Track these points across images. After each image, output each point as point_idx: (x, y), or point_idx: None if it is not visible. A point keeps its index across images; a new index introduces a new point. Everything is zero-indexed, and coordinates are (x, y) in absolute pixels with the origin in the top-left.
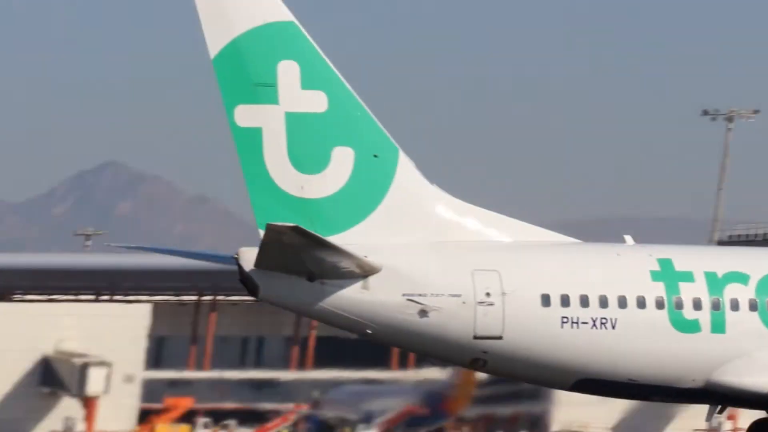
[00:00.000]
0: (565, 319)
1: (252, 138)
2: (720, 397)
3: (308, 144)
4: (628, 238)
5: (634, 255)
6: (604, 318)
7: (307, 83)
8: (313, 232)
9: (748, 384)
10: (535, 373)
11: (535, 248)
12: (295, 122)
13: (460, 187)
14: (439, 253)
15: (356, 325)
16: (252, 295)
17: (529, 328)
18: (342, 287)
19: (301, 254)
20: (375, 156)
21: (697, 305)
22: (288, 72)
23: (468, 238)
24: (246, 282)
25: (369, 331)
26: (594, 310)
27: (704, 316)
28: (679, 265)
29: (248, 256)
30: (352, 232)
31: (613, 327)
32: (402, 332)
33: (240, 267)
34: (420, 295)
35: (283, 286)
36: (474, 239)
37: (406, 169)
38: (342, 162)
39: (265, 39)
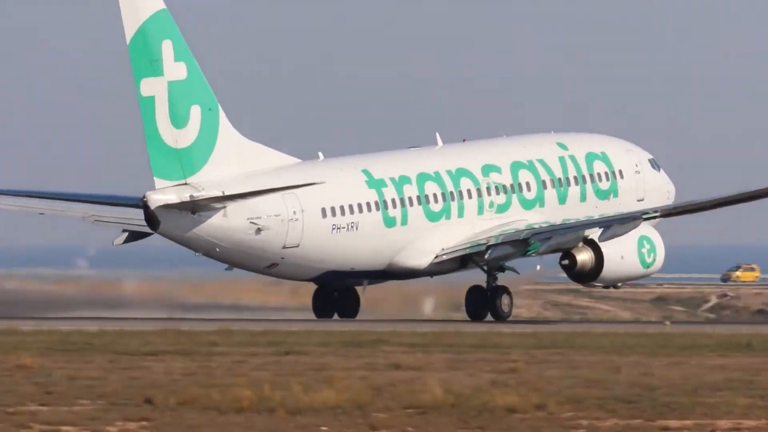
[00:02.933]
0: (334, 227)
1: (150, 105)
2: (395, 275)
3: (179, 105)
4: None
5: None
6: (353, 222)
7: (177, 57)
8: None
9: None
10: (306, 270)
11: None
12: (172, 89)
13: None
14: (259, 181)
15: (211, 244)
16: (153, 228)
17: (315, 236)
18: (210, 217)
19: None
20: (209, 110)
21: (395, 204)
22: (167, 49)
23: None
24: (151, 219)
25: (218, 249)
26: (348, 217)
27: (398, 214)
28: (377, 174)
29: (154, 198)
30: (204, 171)
31: (356, 229)
32: (243, 247)
33: (147, 207)
34: (257, 217)
35: (176, 220)
36: (268, 169)
37: (223, 119)
38: (195, 117)
39: (157, 23)
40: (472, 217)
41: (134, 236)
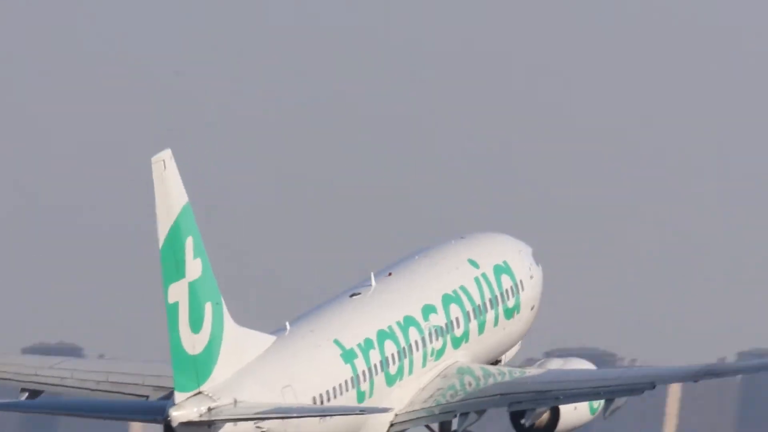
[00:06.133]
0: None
1: (174, 312)
2: None
3: (196, 307)
4: None
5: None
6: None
7: (195, 254)
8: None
9: None
10: None
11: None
12: (191, 290)
13: None
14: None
15: None
16: None
17: (308, 423)
18: (222, 426)
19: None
20: (217, 304)
21: (365, 376)
22: (188, 246)
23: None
24: None
25: None
26: (333, 402)
27: (367, 387)
28: (347, 343)
29: (175, 415)
30: (213, 376)
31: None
32: None
33: (168, 425)
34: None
35: None
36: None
37: (225, 311)
38: (207, 317)
39: (183, 220)
40: (418, 372)
41: (34, 394)
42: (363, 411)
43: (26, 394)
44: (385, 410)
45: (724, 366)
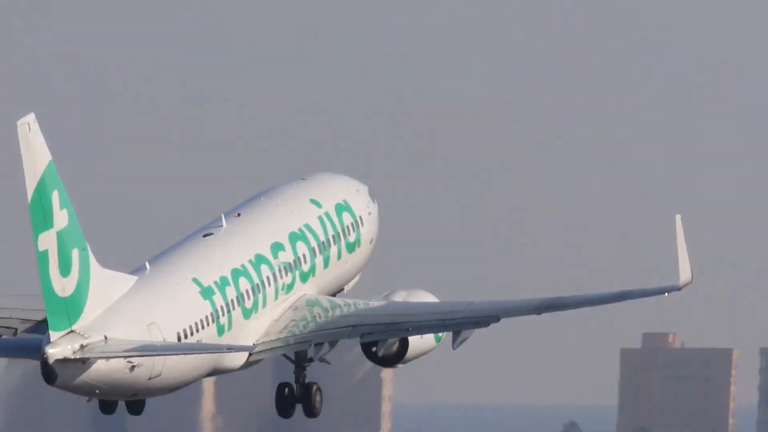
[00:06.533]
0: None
1: (44, 259)
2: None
3: (64, 254)
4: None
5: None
6: (198, 340)
7: (62, 205)
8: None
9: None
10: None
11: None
12: (60, 239)
13: None
14: (126, 315)
15: (93, 388)
16: (49, 382)
17: (172, 362)
18: (94, 362)
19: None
20: (83, 250)
21: (223, 311)
22: (54, 199)
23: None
24: (49, 373)
25: (97, 391)
26: (195, 336)
27: (225, 321)
28: (205, 281)
29: (51, 352)
30: (84, 315)
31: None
32: (117, 384)
33: (45, 362)
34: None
35: (70, 371)
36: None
37: (91, 256)
38: (75, 261)
39: (49, 175)
40: (272, 305)
41: None
42: (230, 349)
43: None
44: (248, 348)
45: (565, 299)
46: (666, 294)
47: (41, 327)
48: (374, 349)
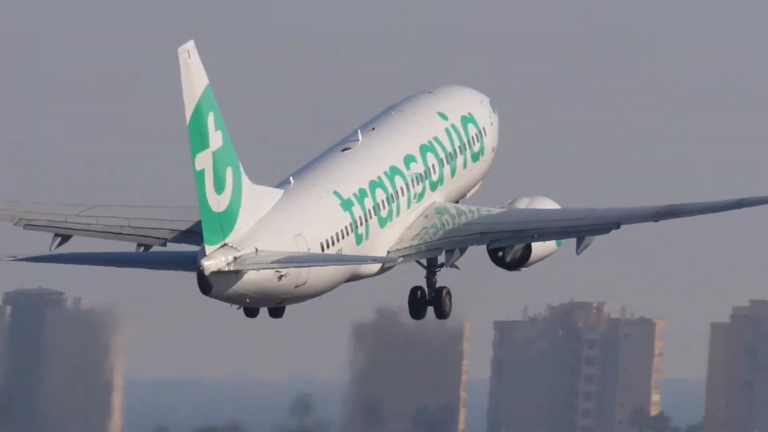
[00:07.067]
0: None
1: (201, 178)
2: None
3: (219, 172)
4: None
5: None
6: (339, 250)
7: (216, 126)
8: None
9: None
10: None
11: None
12: (215, 158)
13: None
14: (275, 228)
15: (244, 297)
16: (204, 293)
17: (316, 271)
18: (246, 273)
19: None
20: (236, 168)
21: (361, 221)
22: (210, 121)
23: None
24: (204, 285)
25: (248, 300)
26: (336, 246)
27: (363, 230)
28: (345, 193)
29: (207, 264)
30: (236, 228)
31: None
32: (267, 293)
33: (201, 274)
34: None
35: (225, 282)
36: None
37: (243, 174)
38: (228, 179)
39: (206, 99)
40: (404, 214)
41: (65, 239)
42: (375, 260)
43: (58, 240)
44: (393, 260)
45: (683, 205)
46: None
47: (188, 237)
48: (500, 254)
